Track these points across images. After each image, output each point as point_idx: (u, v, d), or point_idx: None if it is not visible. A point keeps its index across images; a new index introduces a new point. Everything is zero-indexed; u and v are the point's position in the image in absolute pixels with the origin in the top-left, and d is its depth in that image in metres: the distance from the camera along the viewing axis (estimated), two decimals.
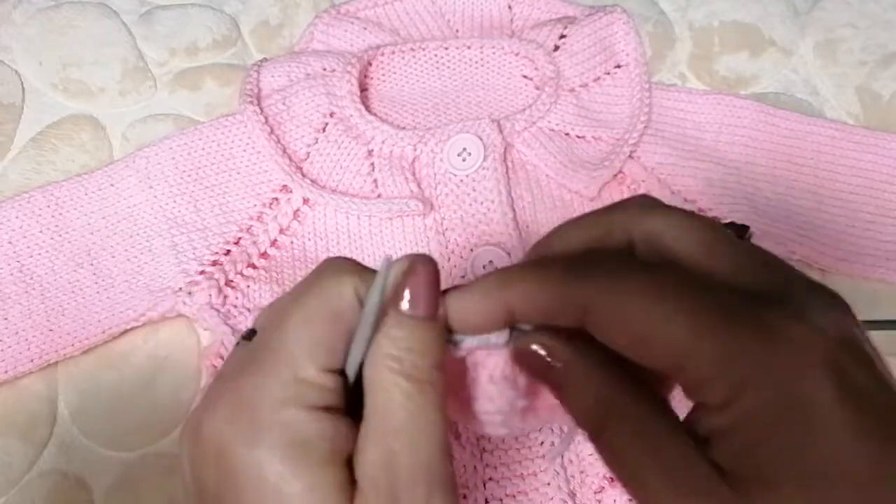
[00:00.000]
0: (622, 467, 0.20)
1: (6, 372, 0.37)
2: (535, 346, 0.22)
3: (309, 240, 0.40)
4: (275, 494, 0.19)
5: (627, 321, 0.19)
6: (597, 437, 0.21)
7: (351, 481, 0.20)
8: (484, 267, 0.39)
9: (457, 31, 0.46)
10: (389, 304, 0.21)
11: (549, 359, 0.21)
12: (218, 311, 0.37)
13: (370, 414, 0.21)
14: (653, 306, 0.19)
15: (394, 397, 0.20)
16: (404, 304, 0.21)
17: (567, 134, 0.42)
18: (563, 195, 0.41)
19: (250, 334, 0.23)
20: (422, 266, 0.21)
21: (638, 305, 0.19)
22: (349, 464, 0.21)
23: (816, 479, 0.17)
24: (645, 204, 0.23)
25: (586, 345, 0.21)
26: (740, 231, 0.23)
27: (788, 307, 0.18)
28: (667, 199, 0.41)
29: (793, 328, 0.18)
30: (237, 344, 0.23)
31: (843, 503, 0.17)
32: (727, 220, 0.24)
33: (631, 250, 0.22)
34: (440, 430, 0.21)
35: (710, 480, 0.18)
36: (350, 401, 0.22)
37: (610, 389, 0.20)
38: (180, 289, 0.38)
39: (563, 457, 0.36)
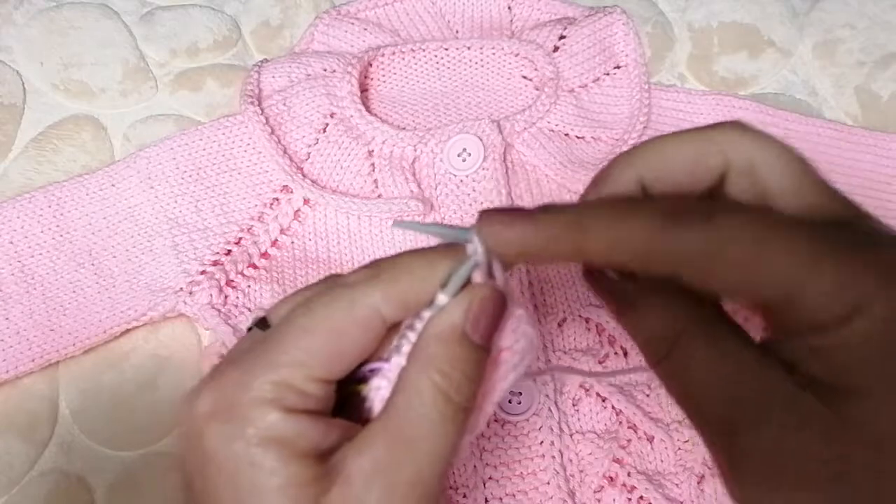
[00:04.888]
0: (690, 387, 0.20)
1: (7, 371, 0.37)
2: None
3: (310, 240, 0.40)
4: (249, 486, 0.20)
5: (732, 265, 0.19)
6: (665, 356, 0.21)
7: (322, 476, 0.21)
8: None
9: (457, 31, 0.46)
10: (462, 325, 0.21)
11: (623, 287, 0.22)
12: (219, 310, 0.38)
13: (391, 413, 0.21)
14: (759, 247, 0.19)
15: (427, 409, 0.21)
16: (472, 331, 0.21)
17: (566, 134, 0.43)
18: (562, 195, 0.42)
19: (263, 324, 0.23)
20: (500, 299, 0.22)
21: (743, 249, 0.19)
22: (326, 458, 0.21)
23: None
24: (743, 128, 0.22)
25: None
26: None
27: (882, 233, 0.20)
28: None
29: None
30: (249, 329, 0.24)
31: None
32: None
33: (720, 174, 0.22)
34: (452, 456, 0.21)
35: (793, 388, 0.19)
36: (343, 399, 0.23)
37: (682, 305, 0.21)
38: (181, 288, 0.38)
39: (562, 455, 0.36)
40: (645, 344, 0.22)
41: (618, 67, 0.44)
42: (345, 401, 0.23)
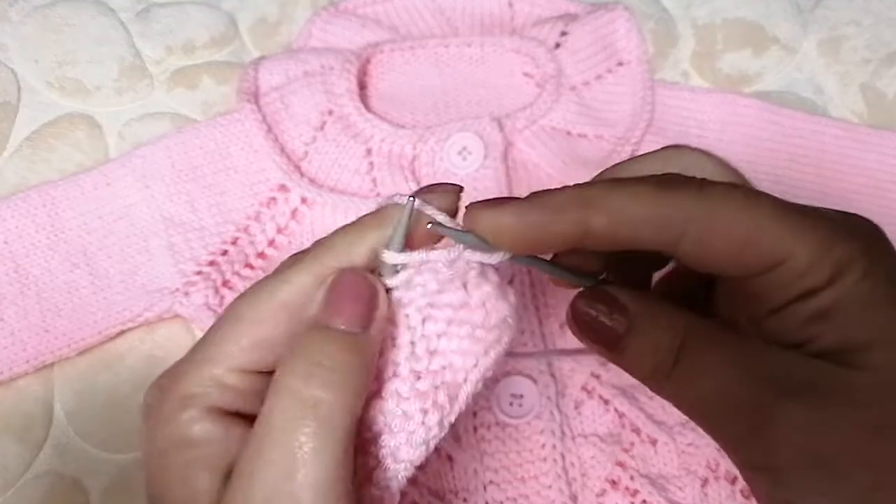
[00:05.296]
0: (704, 389, 0.20)
1: (2, 373, 0.37)
2: (604, 289, 0.22)
3: (307, 240, 0.40)
4: (159, 480, 0.20)
5: (729, 229, 0.20)
6: (671, 369, 0.21)
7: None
8: None
9: (457, 28, 0.46)
10: (314, 314, 0.20)
11: (619, 301, 0.22)
12: (215, 311, 0.37)
13: (260, 417, 0.19)
14: (752, 211, 0.20)
15: (275, 411, 0.19)
16: (324, 317, 0.20)
17: (568, 132, 0.42)
18: None
19: None
20: (352, 278, 0.20)
21: (738, 213, 0.20)
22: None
23: None
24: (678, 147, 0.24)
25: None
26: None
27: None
28: None
29: (850, 217, 0.21)
30: None
31: None
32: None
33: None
34: (320, 462, 0.18)
35: (808, 360, 0.20)
36: None
37: (681, 316, 0.21)
38: (177, 289, 0.38)
39: (564, 459, 0.36)
40: (646, 366, 0.21)
41: (620, 64, 0.43)
42: None
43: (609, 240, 0.21)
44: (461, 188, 0.23)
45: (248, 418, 0.21)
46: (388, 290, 0.22)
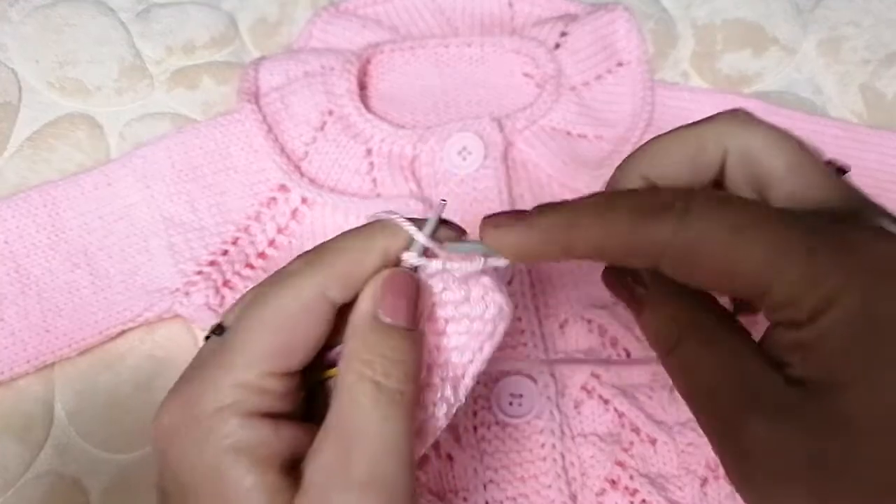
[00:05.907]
0: (692, 383, 0.21)
1: (2, 373, 0.37)
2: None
3: (307, 240, 0.40)
4: (219, 495, 0.20)
5: (707, 258, 0.19)
6: (669, 353, 0.22)
7: (291, 484, 0.21)
8: None
9: (457, 28, 0.46)
10: (371, 311, 0.22)
11: (642, 275, 0.23)
12: (215, 311, 0.37)
13: (332, 415, 0.21)
14: (732, 240, 0.19)
15: (359, 402, 0.21)
16: (382, 314, 0.22)
17: (568, 133, 0.42)
18: (564, 195, 0.41)
19: (219, 330, 0.23)
20: (403, 277, 0.22)
21: (717, 242, 0.19)
22: (293, 466, 0.21)
23: (890, 384, 0.18)
24: (740, 118, 0.24)
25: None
26: (839, 171, 0.24)
27: (870, 226, 0.20)
28: None
29: (879, 245, 0.19)
30: (206, 338, 0.24)
31: None
32: (827, 158, 0.24)
33: (721, 165, 0.23)
34: (404, 442, 0.21)
35: (780, 384, 0.19)
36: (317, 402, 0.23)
37: (685, 308, 0.22)
38: (177, 289, 0.38)
39: (563, 458, 0.36)
40: (653, 340, 0.23)
41: (620, 65, 0.43)
42: (316, 390, 0.23)
43: (597, 260, 0.22)
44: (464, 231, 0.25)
45: (283, 416, 0.22)
46: None
